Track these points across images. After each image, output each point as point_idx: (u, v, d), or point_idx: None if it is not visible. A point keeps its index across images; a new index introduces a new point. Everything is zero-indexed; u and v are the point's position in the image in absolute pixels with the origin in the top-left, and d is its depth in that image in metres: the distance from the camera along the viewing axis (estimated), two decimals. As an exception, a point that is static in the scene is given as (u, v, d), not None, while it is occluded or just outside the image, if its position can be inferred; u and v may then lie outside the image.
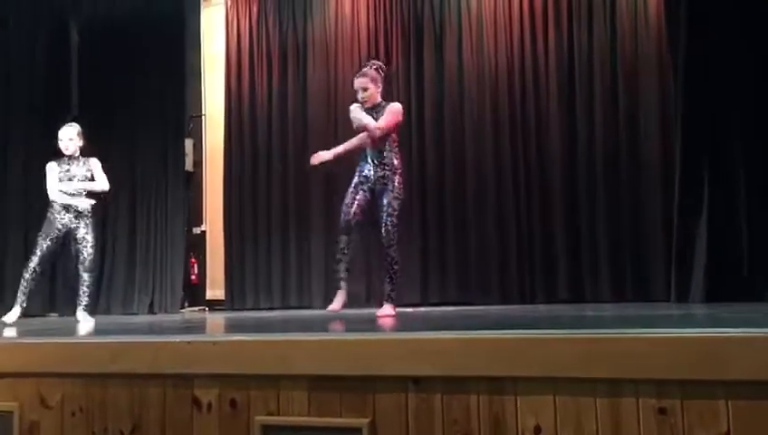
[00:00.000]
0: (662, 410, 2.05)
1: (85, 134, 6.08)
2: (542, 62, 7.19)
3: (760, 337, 2.01)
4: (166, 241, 8.06)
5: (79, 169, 5.89)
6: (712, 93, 5.43)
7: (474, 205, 7.24)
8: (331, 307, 4.96)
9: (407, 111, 7.62)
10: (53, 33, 8.25)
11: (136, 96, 8.19)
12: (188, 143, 8.53)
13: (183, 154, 8.38)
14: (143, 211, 8.11)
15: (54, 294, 7.89)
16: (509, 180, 7.17)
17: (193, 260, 8.48)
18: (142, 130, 8.19)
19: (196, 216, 8.59)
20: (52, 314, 7.75)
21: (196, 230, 8.56)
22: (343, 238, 5.05)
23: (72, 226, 5.73)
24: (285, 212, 7.98)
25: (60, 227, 5.70)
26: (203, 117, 8.68)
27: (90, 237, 5.78)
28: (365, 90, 5.15)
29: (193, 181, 8.64)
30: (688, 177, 5.51)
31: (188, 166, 8.51)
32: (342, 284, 5.04)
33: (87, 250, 5.76)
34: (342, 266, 5.03)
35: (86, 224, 5.77)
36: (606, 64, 6.95)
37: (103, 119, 8.19)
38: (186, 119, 8.52)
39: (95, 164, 5.99)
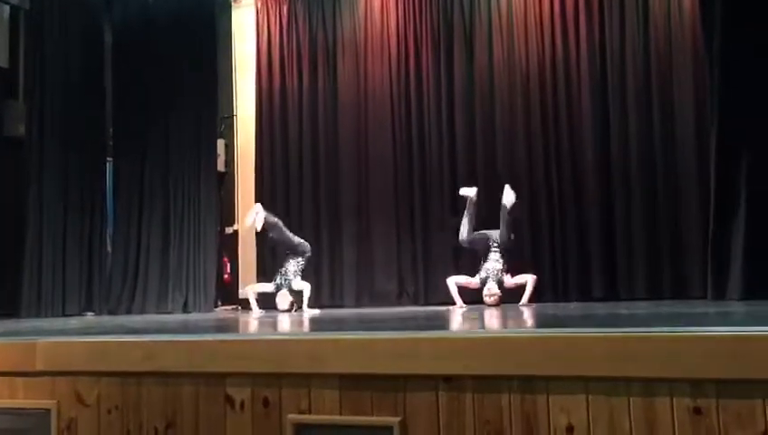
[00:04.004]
0: (697, 410, 2.02)
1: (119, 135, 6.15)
2: (574, 60, 7.11)
3: (798, 336, 1.97)
4: (199, 241, 8.15)
5: None
6: (749, 89, 5.32)
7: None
8: None
9: (437, 112, 7.64)
10: (87, 35, 8.39)
11: (168, 97, 8.30)
12: (220, 144, 8.62)
13: (215, 154, 8.47)
14: (176, 211, 8.20)
15: (91, 293, 8.04)
16: (542, 179, 7.11)
17: (225, 259, 8.57)
18: (175, 130, 8.29)
19: (228, 215, 8.68)
20: (89, 313, 7.89)
21: (229, 230, 8.65)
22: None
23: None
24: (317, 212, 8.02)
25: None
26: (234, 118, 8.76)
27: None
28: None
29: (225, 181, 8.73)
30: (725, 173, 5.41)
31: (220, 166, 8.60)
32: None
33: None
34: None
35: None
36: (639, 62, 6.85)
37: (136, 119, 8.33)
38: (217, 119, 8.61)
39: None
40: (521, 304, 6.23)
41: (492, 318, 4.22)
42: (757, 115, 5.30)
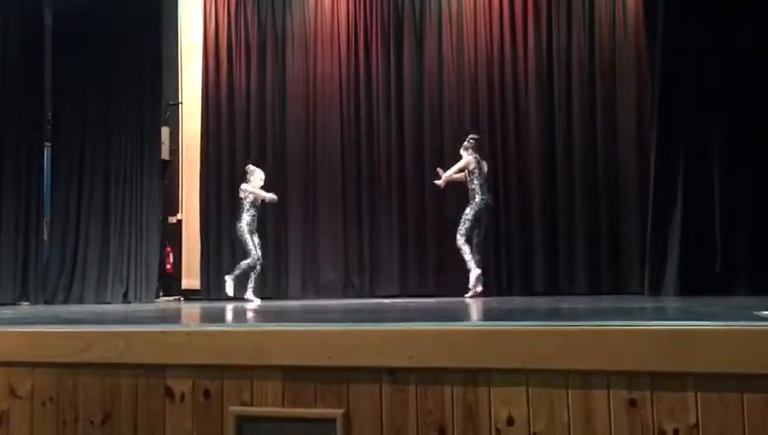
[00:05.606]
0: (632, 402, 2.07)
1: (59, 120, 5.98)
2: (521, 58, 7.22)
3: (729, 330, 2.03)
4: (141, 230, 7.98)
5: None
6: (687, 90, 5.48)
7: (453, 198, 7.25)
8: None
9: (386, 106, 7.66)
10: (27, 17, 8.10)
11: (111, 82, 8.09)
12: (165, 131, 8.45)
13: (159, 142, 8.30)
14: (118, 200, 8.01)
15: (27, 282, 7.79)
16: (488, 175, 7.18)
17: (168, 249, 8.41)
18: (118, 117, 8.09)
19: (172, 205, 8.52)
20: (24, 303, 7.65)
21: (172, 219, 8.50)
22: None
23: None
24: (262, 203, 7.92)
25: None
26: (180, 105, 8.59)
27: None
28: None
29: (169, 170, 8.56)
30: (663, 173, 5.57)
31: (165, 154, 8.44)
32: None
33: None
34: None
35: None
36: (584, 62, 7.01)
37: (77, 105, 8.09)
38: (162, 107, 8.43)
39: None
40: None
41: (438, 311, 4.25)
42: (694, 116, 5.47)
